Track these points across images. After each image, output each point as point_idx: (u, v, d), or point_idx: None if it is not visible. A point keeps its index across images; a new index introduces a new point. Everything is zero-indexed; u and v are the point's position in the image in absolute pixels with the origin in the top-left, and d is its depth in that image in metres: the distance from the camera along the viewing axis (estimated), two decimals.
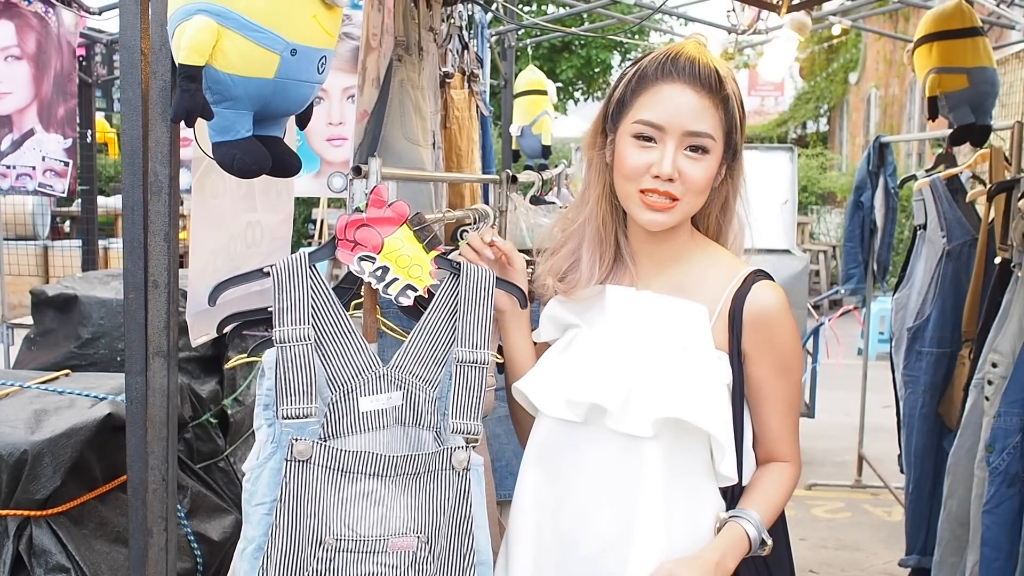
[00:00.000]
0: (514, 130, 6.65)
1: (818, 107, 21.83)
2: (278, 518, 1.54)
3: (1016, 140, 3.70)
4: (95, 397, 2.31)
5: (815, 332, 6.68)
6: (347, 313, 1.64)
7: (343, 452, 1.57)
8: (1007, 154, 3.84)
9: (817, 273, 13.42)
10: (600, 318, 1.73)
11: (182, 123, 1.54)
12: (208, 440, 3.46)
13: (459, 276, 1.67)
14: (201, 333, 2.02)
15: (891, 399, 4.90)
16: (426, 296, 1.66)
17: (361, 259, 1.63)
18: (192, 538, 2.36)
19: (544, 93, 6.81)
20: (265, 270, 1.60)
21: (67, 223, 10.53)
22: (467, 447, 1.64)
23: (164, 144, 1.54)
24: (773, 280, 1.72)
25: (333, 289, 1.64)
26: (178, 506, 2.23)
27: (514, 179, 3.00)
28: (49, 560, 2.02)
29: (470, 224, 2.72)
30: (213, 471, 3.40)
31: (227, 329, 1.71)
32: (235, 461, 3.71)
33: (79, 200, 6.59)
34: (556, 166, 4.91)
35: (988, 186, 3.43)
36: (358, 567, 1.56)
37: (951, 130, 3.86)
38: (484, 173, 4.56)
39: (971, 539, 3.20)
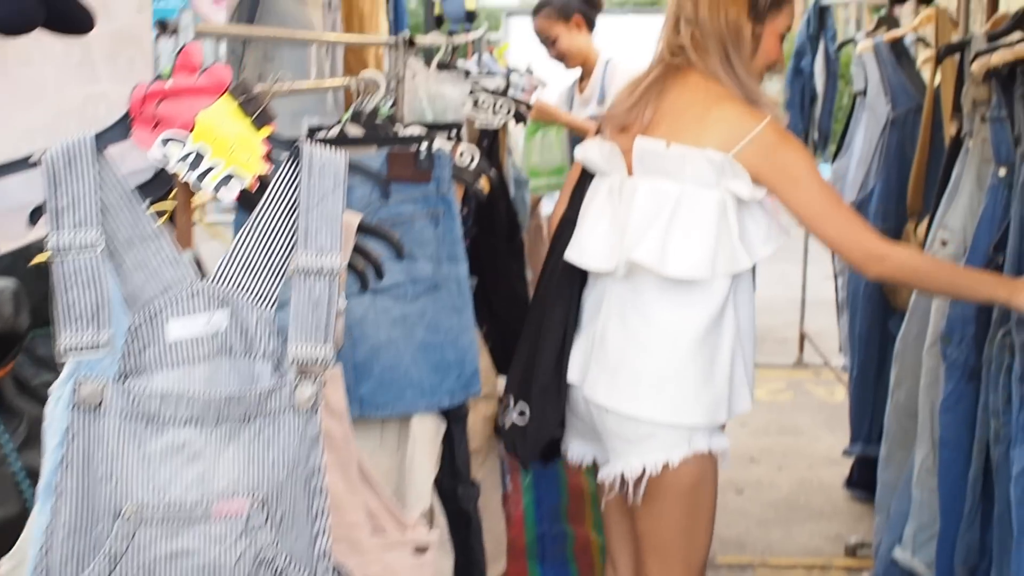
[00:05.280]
0: None
1: None
2: (63, 483, 1.19)
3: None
4: None
5: None
6: (152, 212, 1.26)
7: (146, 394, 1.21)
8: (953, 15, 3.53)
9: None
10: None
11: None
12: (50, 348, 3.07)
13: (300, 161, 1.29)
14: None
15: (831, 271, 4.70)
16: (254, 190, 1.28)
17: (166, 141, 1.24)
18: (22, 476, 2.00)
19: None
20: (33, 159, 1.21)
21: None
22: (315, 379, 1.29)
23: None
24: None
25: (139, 188, 1.26)
26: (7, 436, 1.88)
27: (411, 42, 2.59)
28: None
29: (361, 98, 2.32)
30: None
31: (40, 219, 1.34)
32: None
33: None
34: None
35: (936, 49, 3.09)
36: (170, 542, 1.21)
37: None
38: None
39: (919, 432, 2.97)
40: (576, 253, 2.17)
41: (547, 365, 2.22)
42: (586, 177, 2.27)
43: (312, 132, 2.29)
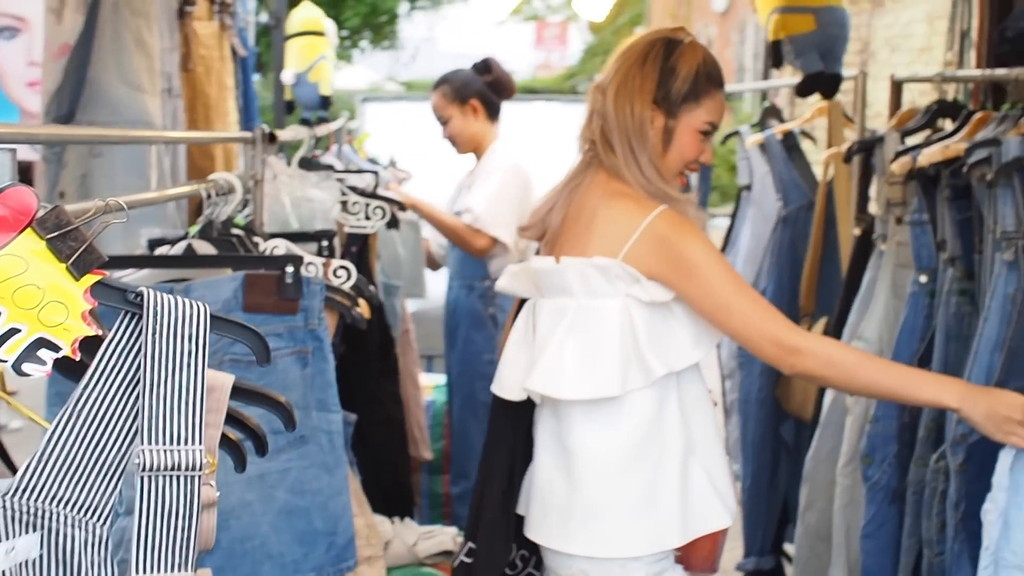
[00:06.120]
0: (287, 77, 5.80)
1: (606, 61, 21.93)
2: None
3: (860, 93, 3.27)
4: None
5: None
6: None
7: None
8: (846, 110, 3.43)
9: None
10: None
11: None
12: None
13: (143, 317, 0.93)
14: None
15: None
16: (76, 359, 0.91)
17: None
18: None
19: (322, 34, 5.97)
20: None
21: None
22: None
23: None
24: None
25: None
26: None
27: (272, 137, 2.25)
28: None
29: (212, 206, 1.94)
30: None
31: None
32: None
33: None
34: (336, 119, 4.15)
35: (850, 144, 2.95)
36: None
37: (797, 79, 3.40)
38: (246, 128, 3.71)
39: (834, 558, 2.76)
40: (496, 384, 2.07)
41: (493, 499, 2.08)
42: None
43: (153, 246, 1.91)
